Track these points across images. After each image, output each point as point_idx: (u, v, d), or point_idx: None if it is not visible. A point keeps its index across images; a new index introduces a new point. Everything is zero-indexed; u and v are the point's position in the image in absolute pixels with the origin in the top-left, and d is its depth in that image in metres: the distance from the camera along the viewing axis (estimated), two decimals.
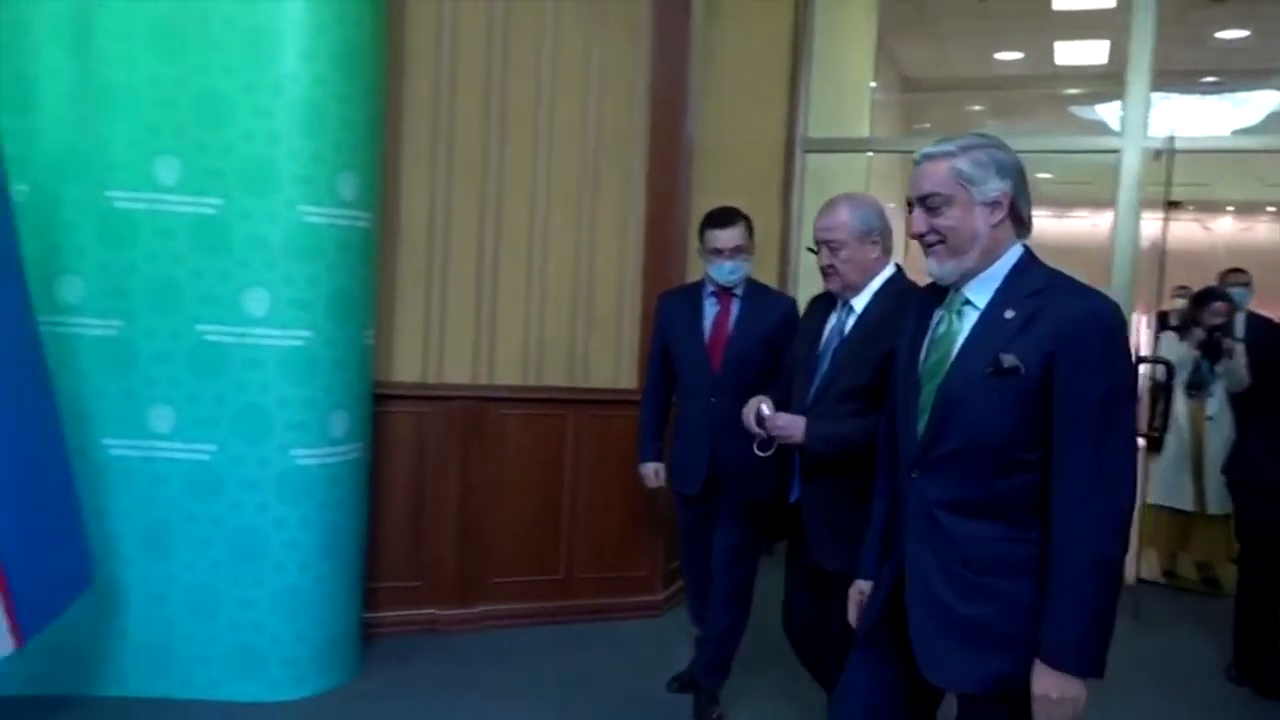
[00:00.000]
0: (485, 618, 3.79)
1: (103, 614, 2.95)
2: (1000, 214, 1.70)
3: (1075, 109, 9.51)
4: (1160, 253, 4.65)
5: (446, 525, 3.72)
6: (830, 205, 2.47)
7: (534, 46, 3.77)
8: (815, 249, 2.47)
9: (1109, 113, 8.55)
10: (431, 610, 3.71)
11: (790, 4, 5.18)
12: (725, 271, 3.03)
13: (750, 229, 3.04)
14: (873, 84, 6.70)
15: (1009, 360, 1.62)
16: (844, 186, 3.88)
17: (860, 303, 2.42)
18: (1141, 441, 5.06)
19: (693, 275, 3.67)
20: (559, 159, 3.83)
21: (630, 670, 3.48)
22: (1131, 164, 4.91)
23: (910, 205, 1.76)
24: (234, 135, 2.91)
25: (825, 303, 2.54)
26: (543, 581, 3.90)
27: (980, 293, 1.71)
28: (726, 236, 3.00)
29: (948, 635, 1.67)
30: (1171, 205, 4.61)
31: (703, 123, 4.17)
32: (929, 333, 1.77)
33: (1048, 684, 1.57)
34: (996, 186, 1.69)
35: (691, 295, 3.17)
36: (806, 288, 4.93)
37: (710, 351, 3.08)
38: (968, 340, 1.69)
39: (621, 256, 3.96)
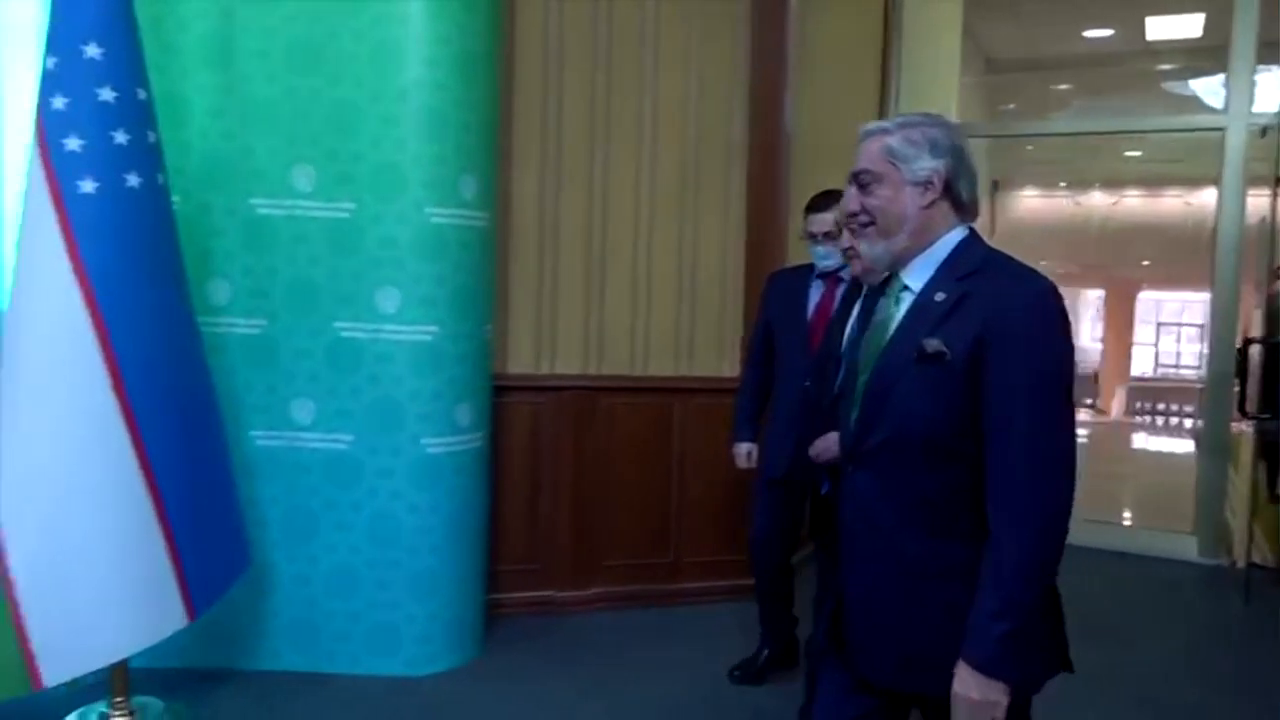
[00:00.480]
0: (598, 599, 3.94)
1: (255, 594, 3.17)
2: (932, 194, 1.62)
3: (1168, 85, 9.26)
4: (1269, 231, 4.56)
5: (561, 510, 3.87)
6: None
7: (635, 47, 3.88)
8: None
9: (1204, 88, 8.31)
10: (549, 592, 3.87)
11: None
12: (820, 256, 3.12)
13: None
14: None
15: (933, 345, 1.55)
16: None
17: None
18: (1245, 426, 4.94)
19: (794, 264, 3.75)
20: (662, 156, 3.95)
21: (735, 654, 3.58)
22: (1237, 141, 4.82)
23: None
24: (364, 143, 3.09)
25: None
26: (652, 564, 4.03)
27: (918, 277, 1.64)
28: (819, 221, 3.08)
29: (883, 635, 1.62)
30: (1278, 181, 4.53)
31: (799, 113, 4.24)
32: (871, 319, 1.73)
33: (969, 684, 1.50)
34: (928, 165, 1.61)
35: (800, 276, 3.25)
36: None
37: (810, 334, 3.15)
38: (899, 326, 1.63)
39: (724, 249, 4.06)
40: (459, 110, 3.14)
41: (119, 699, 2.73)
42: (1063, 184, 12.84)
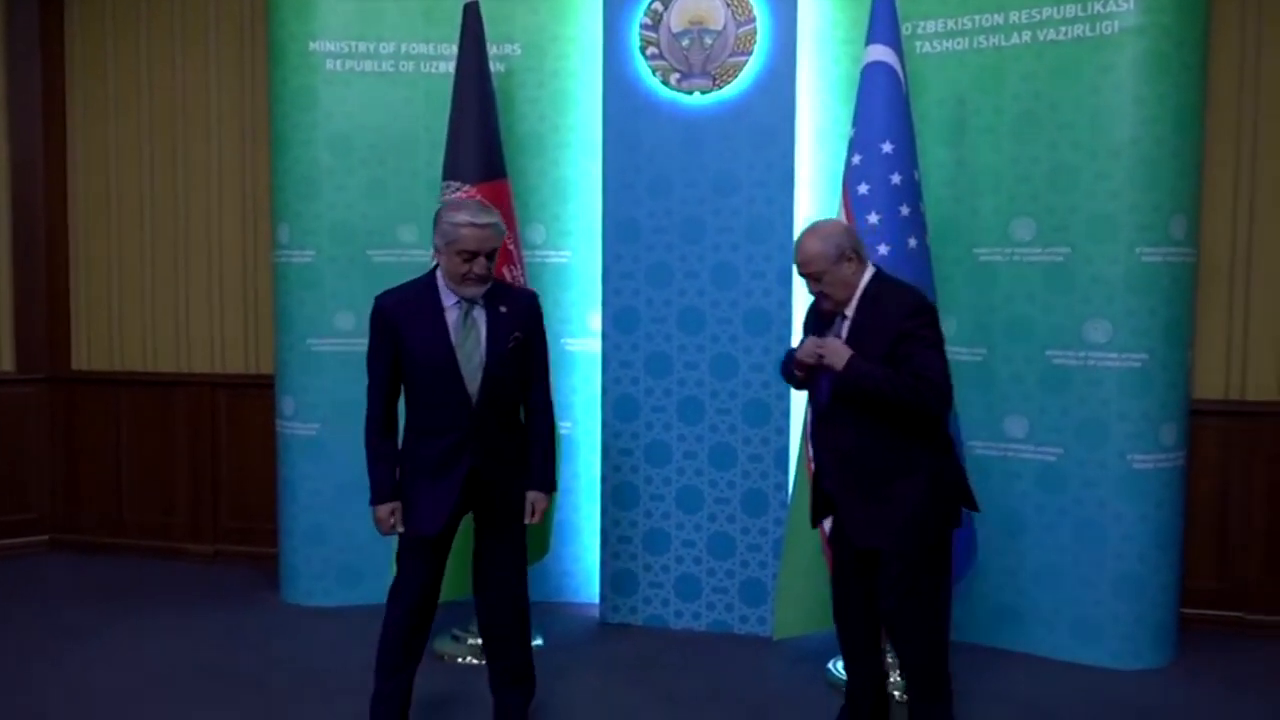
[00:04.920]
0: None
1: (971, 580, 3.77)
2: None
3: None
4: None
5: (1254, 536, 3.94)
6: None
7: None
8: None
9: None
10: (1238, 612, 3.96)
11: None
12: None
13: None
14: None
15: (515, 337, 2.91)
16: None
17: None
18: None
19: None
20: None
21: None
22: None
23: None
24: (1079, 196, 3.56)
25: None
26: None
27: None
28: None
29: None
30: None
31: None
32: None
33: None
34: None
35: None
36: None
37: None
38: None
39: None
40: (1174, 159, 3.47)
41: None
42: None
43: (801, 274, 2.81)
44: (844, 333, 2.78)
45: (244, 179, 4.86)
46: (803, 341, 2.85)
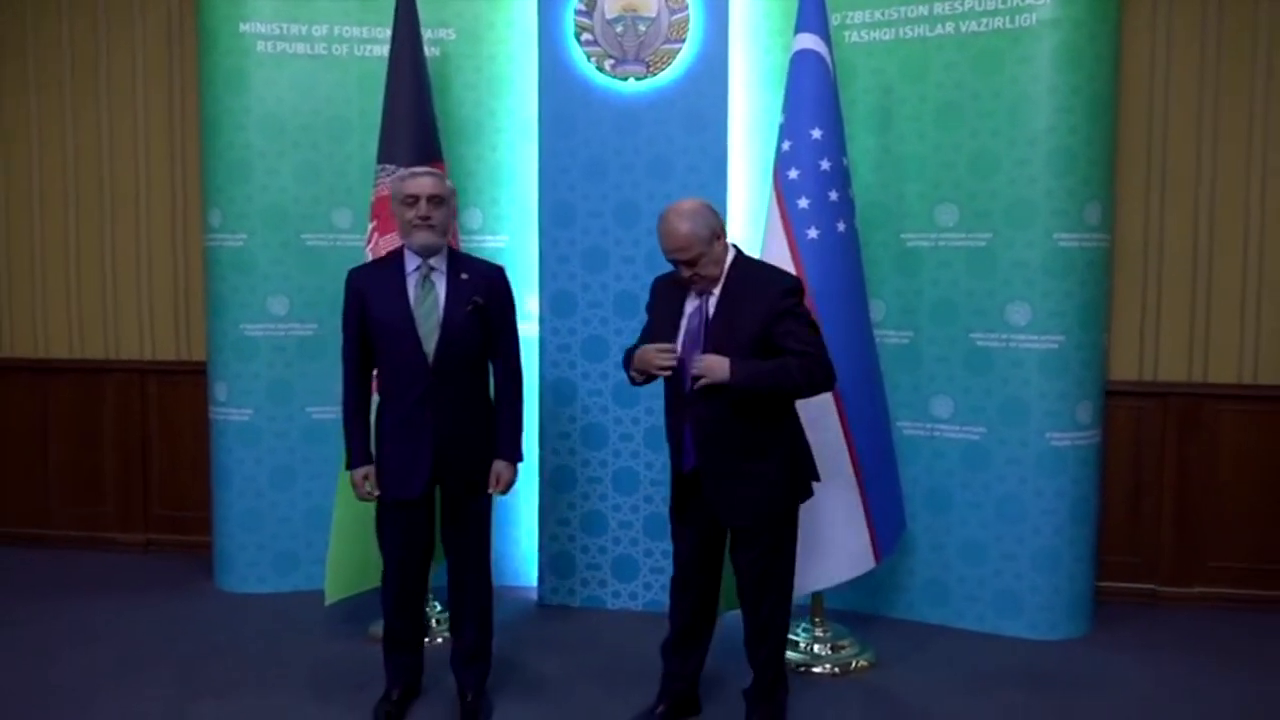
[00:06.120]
0: (1202, 598, 4.10)
1: (898, 555, 3.88)
2: None
3: None
4: None
5: (1164, 511, 4.11)
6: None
7: (1246, 96, 4.01)
8: None
9: None
10: (1150, 585, 4.14)
11: None
12: None
13: None
14: None
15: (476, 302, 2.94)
16: None
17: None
18: None
19: None
20: (1271, 179, 4.00)
21: None
22: None
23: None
24: (1000, 183, 3.67)
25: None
26: (1265, 570, 4.08)
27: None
28: None
29: None
30: None
31: None
32: None
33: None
34: None
35: None
36: None
37: None
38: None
39: None
40: (1088, 147, 3.60)
41: (817, 619, 3.60)
42: None
43: (675, 260, 2.73)
44: (710, 310, 2.78)
45: (174, 162, 4.78)
46: (648, 328, 2.91)
